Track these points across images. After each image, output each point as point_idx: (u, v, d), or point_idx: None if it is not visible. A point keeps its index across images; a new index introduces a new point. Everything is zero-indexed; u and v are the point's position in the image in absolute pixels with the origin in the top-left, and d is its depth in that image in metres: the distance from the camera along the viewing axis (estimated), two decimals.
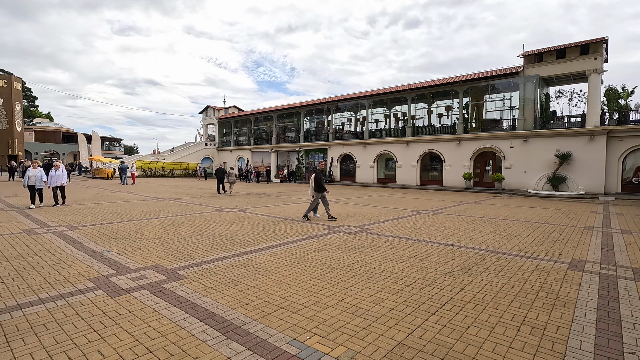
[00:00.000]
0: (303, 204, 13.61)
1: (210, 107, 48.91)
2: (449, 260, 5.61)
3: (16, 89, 45.06)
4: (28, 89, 75.72)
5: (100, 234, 7.31)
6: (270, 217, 9.99)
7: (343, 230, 8.20)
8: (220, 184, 18.92)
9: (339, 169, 33.19)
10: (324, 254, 5.91)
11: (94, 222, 8.76)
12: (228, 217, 9.99)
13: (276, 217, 10.14)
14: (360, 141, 31.04)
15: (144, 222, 8.94)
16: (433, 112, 29.32)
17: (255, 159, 41.93)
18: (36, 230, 7.61)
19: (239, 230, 7.94)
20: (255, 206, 12.79)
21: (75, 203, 12.73)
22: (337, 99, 33.38)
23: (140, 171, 37.61)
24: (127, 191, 18.58)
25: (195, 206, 12.41)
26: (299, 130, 37.49)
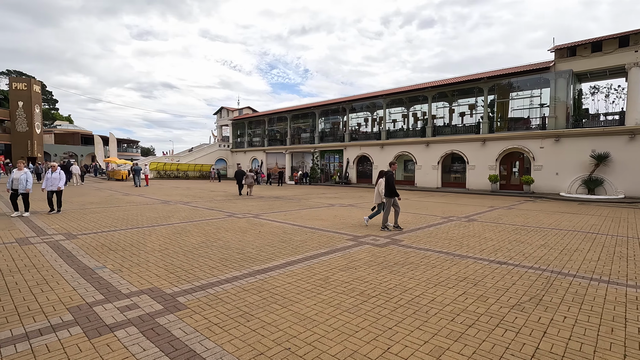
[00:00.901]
0: (320, 209, 12.65)
1: (224, 108, 48.59)
2: (509, 285, 4.56)
3: (36, 92, 45.72)
4: (49, 92, 77.41)
5: (99, 245, 6.53)
6: (287, 225, 9.07)
7: (370, 241, 7.20)
8: (240, 185, 19.24)
9: (355, 170, 32.13)
10: (352, 274, 4.93)
11: (95, 230, 8.02)
12: (240, 224, 9.12)
13: (293, 224, 9.21)
14: (377, 142, 29.93)
15: (150, 229, 8.15)
16: (455, 111, 27.96)
17: (269, 160, 41.26)
18: (30, 240, 6.89)
19: (253, 241, 7.04)
20: (270, 211, 11.91)
21: (82, 207, 12.12)
22: (353, 99, 32.37)
23: (155, 173, 37.45)
24: (139, 194, 18.03)
25: (206, 211, 11.61)
26: (313, 131, 36.61)
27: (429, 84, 27.61)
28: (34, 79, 46.29)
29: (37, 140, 45.23)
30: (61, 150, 56.61)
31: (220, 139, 49.01)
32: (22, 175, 9.81)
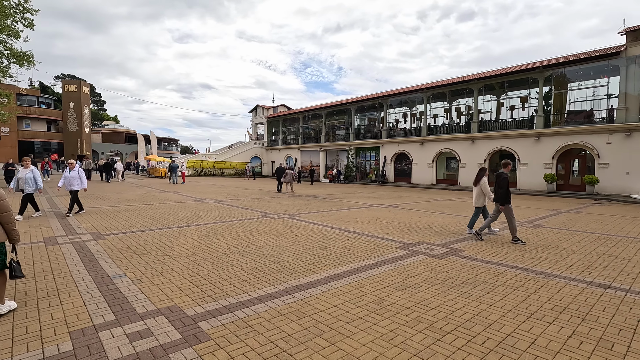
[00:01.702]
0: (360, 210, 11.68)
1: (259, 107, 48.75)
2: (633, 322, 3.38)
3: (85, 93, 48.31)
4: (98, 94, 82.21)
5: (124, 247, 6.01)
6: (326, 228, 8.21)
7: (424, 250, 6.16)
8: (280, 183, 19.59)
9: (393, 168, 30.73)
10: (413, 297, 3.96)
11: (125, 229, 7.60)
12: (275, 226, 8.38)
13: (333, 227, 8.33)
14: (417, 138, 28.35)
15: (179, 230, 7.61)
16: (504, 105, 25.77)
17: (303, 158, 40.76)
18: (58, 239, 6.54)
19: (289, 247, 6.23)
20: (306, 211, 11.12)
21: (117, 204, 11.99)
22: (390, 94, 30.93)
23: (192, 170, 38.16)
24: (175, 191, 17.99)
25: (240, 210, 11.03)
26: (349, 127, 35.57)
27: (476, 75, 25.64)
28: (84, 81, 48.93)
29: (85, 139, 47.80)
30: (108, 149, 59.65)
31: (255, 137, 49.27)
32: (28, 174, 8.63)
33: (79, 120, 46.61)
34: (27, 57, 19.07)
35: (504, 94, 25.91)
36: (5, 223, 3.36)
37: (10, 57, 18.75)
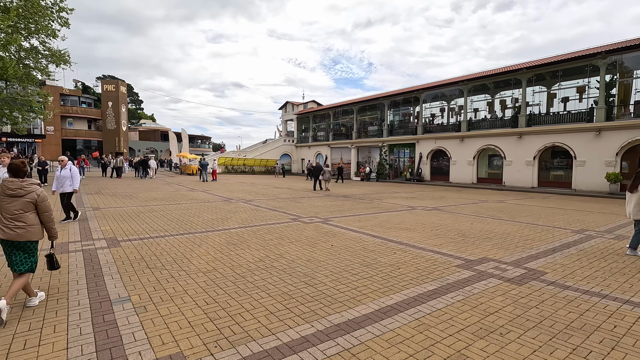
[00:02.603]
0: (401, 213, 10.48)
1: (289, 103, 48.18)
2: None
3: (122, 93, 49.90)
4: (136, 94, 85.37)
5: (138, 258, 5.26)
6: (365, 236, 7.13)
7: (493, 270, 4.94)
8: (316, 181, 19.17)
9: (429, 166, 28.99)
10: (504, 352, 2.81)
11: (144, 234, 6.92)
12: (308, 232, 7.40)
13: (373, 235, 7.24)
14: (456, 134, 26.48)
15: (202, 237, 6.82)
16: (556, 96, 23.36)
17: (334, 155, 39.72)
18: (70, 246, 5.92)
19: (325, 262, 5.23)
20: (341, 214, 10.08)
21: (143, 204, 11.52)
22: (427, 87, 29.13)
23: (222, 168, 38.21)
24: (203, 189, 17.55)
25: (269, 213, 10.17)
26: (381, 123, 34.08)
27: (524, 64, 23.42)
28: (121, 81, 50.54)
29: (123, 136, 49.42)
30: (144, 146, 61.52)
31: (285, 134, 48.79)
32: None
33: (116, 118, 48.21)
34: (64, 57, 19.32)
35: (557, 85, 23.47)
36: (46, 222, 3.55)
37: (48, 57, 19.08)
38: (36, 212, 3.46)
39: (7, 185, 3.36)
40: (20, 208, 3.35)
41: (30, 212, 3.42)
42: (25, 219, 3.37)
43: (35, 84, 19.50)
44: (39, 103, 19.60)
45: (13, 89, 19.08)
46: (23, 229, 3.36)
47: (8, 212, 3.33)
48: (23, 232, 3.36)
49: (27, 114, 19.14)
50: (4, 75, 15.85)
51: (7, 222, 3.32)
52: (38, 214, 3.47)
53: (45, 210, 3.49)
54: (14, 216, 3.32)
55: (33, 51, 18.45)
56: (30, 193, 3.41)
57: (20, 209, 3.35)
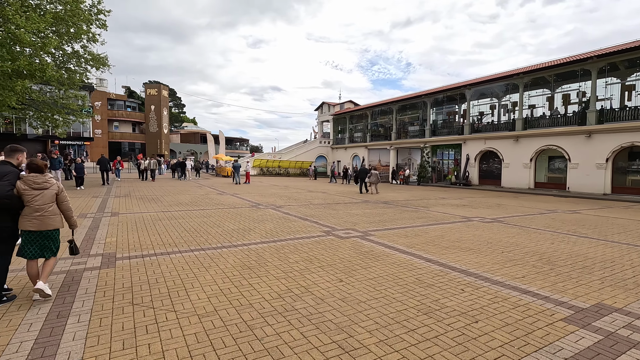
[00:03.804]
0: (456, 226, 8.72)
1: (325, 104, 47.02)
2: None
3: (164, 96, 51.45)
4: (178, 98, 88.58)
5: (126, 288, 4.12)
6: (418, 261, 5.56)
7: (626, 332, 3.22)
8: (362, 184, 18.85)
9: (477, 169, 26.42)
10: None
11: (149, 249, 5.85)
12: (343, 252, 5.97)
13: (428, 259, 5.65)
14: (510, 133, 23.78)
15: (214, 255, 5.62)
16: (635, 88, 20.08)
17: (371, 156, 37.92)
18: (58, 264, 4.93)
19: (367, 304, 3.77)
20: (382, 226, 8.54)
21: (164, 209, 10.69)
22: (475, 82, 26.59)
23: (257, 170, 37.77)
24: (233, 193, 16.67)
25: (299, 222, 8.86)
26: (423, 123, 31.83)
27: (595, 52, 20.40)
28: (164, 85, 52.11)
29: (164, 139, 50.88)
30: (185, 148, 63.25)
31: (321, 135, 47.66)
32: None
33: (158, 121, 49.70)
34: (103, 60, 19.41)
35: (634, 75, 20.19)
36: (66, 211, 3.87)
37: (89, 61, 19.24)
38: (56, 203, 3.80)
39: (32, 180, 3.64)
40: (48, 200, 3.69)
41: (54, 203, 3.77)
42: (52, 209, 3.73)
43: (76, 87, 19.75)
44: (79, 106, 19.82)
45: (55, 92, 19.43)
46: (50, 218, 3.71)
47: (36, 204, 3.62)
48: (50, 222, 3.72)
49: (67, 116, 19.41)
50: (43, 78, 15.94)
51: (35, 213, 3.61)
52: (58, 204, 3.80)
53: (64, 200, 3.86)
54: (42, 207, 3.64)
55: (74, 55, 18.67)
56: (53, 185, 3.78)
57: (49, 200, 3.70)
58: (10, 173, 3.58)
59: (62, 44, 17.80)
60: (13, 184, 3.54)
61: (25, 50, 14.75)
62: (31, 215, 3.60)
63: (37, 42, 14.50)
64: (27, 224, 3.60)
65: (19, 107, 17.56)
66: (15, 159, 3.78)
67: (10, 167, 3.66)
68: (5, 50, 14.23)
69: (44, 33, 15.10)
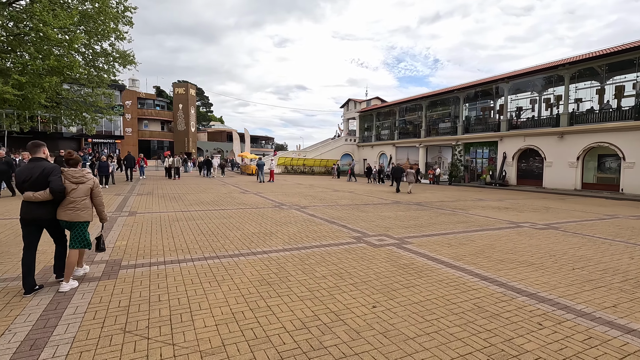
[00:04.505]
0: (505, 233, 7.61)
1: (351, 100, 45.95)
2: None
3: (191, 95, 52.13)
4: (206, 97, 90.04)
5: (121, 309, 3.46)
6: (471, 277, 4.60)
7: None
8: (398, 183, 18.57)
9: (515, 168, 24.62)
10: None
11: (159, 256, 5.23)
12: (378, 264, 5.10)
13: (482, 275, 4.68)
14: (553, 129, 21.91)
15: (230, 264, 4.91)
16: None
17: (399, 155, 36.57)
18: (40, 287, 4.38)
19: (416, 339, 2.89)
20: (419, 231, 7.58)
21: (184, 209, 10.19)
22: (514, 75, 24.75)
23: (282, 168, 37.35)
24: (257, 191, 16.11)
25: (325, 226, 8.04)
26: (455, 119, 30.17)
27: None
28: (191, 84, 52.81)
29: (192, 137, 51.56)
30: (211, 147, 64.05)
31: (347, 133, 46.65)
32: None
33: (186, 120, 50.40)
34: (129, 57, 19.41)
35: None
36: (98, 205, 4.09)
37: (117, 59, 19.30)
38: (90, 197, 3.97)
39: (71, 174, 3.85)
40: (83, 193, 3.87)
41: (87, 197, 3.93)
42: (85, 202, 3.89)
43: (105, 85, 19.88)
44: (106, 104, 19.95)
45: (83, 90, 19.63)
46: (82, 210, 3.87)
47: (72, 197, 3.81)
48: (82, 214, 3.87)
49: (95, 114, 19.57)
50: (71, 75, 16.00)
51: (70, 205, 3.80)
52: (92, 198, 3.98)
53: (98, 195, 4.04)
54: (76, 200, 3.82)
55: (103, 53, 18.75)
56: (89, 180, 3.96)
57: (83, 194, 3.87)
58: (55, 169, 3.78)
59: (91, 43, 17.90)
60: (61, 177, 3.79)
61: (53, 48, 14.79)
62: (66, 206, 3.83)
63: (64, 39, 14.48)
64: (62, 214, 3.83)
65: (49, 104, 17.80)
66: (42, 153, 3.90)
67: (47, 162, 3.84)
68: (34, 48, 14.32)
69: (71, 30, 15.09)
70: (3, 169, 10.51)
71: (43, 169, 3.69)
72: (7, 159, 10.83)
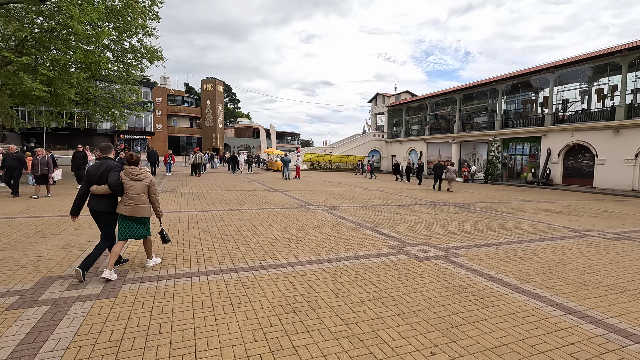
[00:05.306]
0: (572, 243, 6.44)
1: (380, 95, 44.52)
2: None
3: (219, 91, 52.45)
4: (234, 93, 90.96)
5: (114, 341, 2.78)
6: (553, 310, 3.60)
7: None
8: (438, 180, 17.89)
9: (561, 166, 22.61)
10: None
11: (172, 267, 4.58)
12: (428, 286, 4.18)
13: (565, 307, 3.67)
14: (607, 123, 19.81)
15: (251, 280, 4.17)
16: None
17: (430, 151, 34.94)
18: (52, 287, 3.80)
19: None
20: (466, 240, 6.56)
21: (206, 208, 9.64)
22: (563, 63, 22.60)
23: (308, 164, 36.70)
24: (282, 189, 15.45)
25: (358, 232, 7.18)
26: (492, 114, 28.26)
27: None
28: (219, 80, 53.13)
29: (219, 133, 51.97)
30: (238, 143, 64.52)
31: (375, 128, 45.30)
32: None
33: (214, 116, 50.82)
34: (157, 53, 19.26)
35: None
36: (154, 202, 4.35)
37: (145, 55, 19.21)
38: (147, 194, 4.27)
39: (130, 171, 4.18)
40: (140, 190, 4.19)
41: (145, 193, 4.24)
42: (143, 199, 4.21)
43: (132, 81, 19.86)
44: (134, 100, 19.95)
45: (112, 86, 19.71)
46: (140, 206, 4.18)
47: (131, 193, 4.13)
48: (140, 210, 4.18)
49: (123, 110, 19.61)
50: (99, 71, 15.94)
51: (129, 201, 4.13)
52: (149, 194, 4.29)
53: (155, 192, 4.34)
54: (135, 196, 4.15)
55: (131, 49, 18.69)
56: (146, 178, 4.27)
57: (141, 191, 4.19)
58: (117, 166, 4.19)
59: (119, 40, 17.85)
60: (120, 174, 4.15)
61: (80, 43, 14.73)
62: (126, 202, 4.13)
63: (91, 33, 14.35)
64: (122, 209, 4.13)
65: (79, 100, 17.93)
66: (111, 154, 4.41)
67: (111, 161, 4.28)
68: (61, 42, 14.29)
69: (98, 24, 14.97)
70: (13, 164, 10.24)
71: (107, 166, 4.15)
72: (19, 154, 10.58)
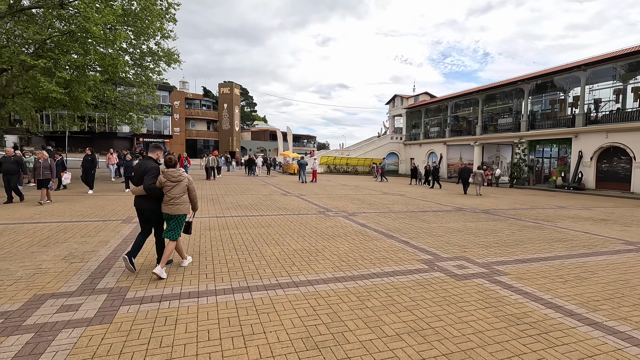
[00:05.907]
0: (630, 260, 5.62)
1: (397, 96, 43.61)
2: None
3: (236, 95, 52.64)
4: (250, 97, 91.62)
5: None
6: (637, 351, 2.89)
7: None
8: (466, 185, 17.77)
9: (594, 169, 21.27)
10: None
11: (178, 283, 4.08)
12: (474, 312, 3.53)
13: None
14: None
15: (265, 303, 3.61)
16: None
17: (451, 154, 33.80)
18: (45, 306, 3.34)
19: None
20: (506, 254, 5.82)
21: (219, 213, 9.19)
22: (596, 60, 21.31)
23: (324, 167, 36.16)
24: (299, 193, 14.92)
25: (382, 242, 6.54)
26: (517, 115, 27.03)
27: None
28: (235, 84, 53.33)
29: (236, 136, 52.10)
30: (255, 145, 64.59)
31: (392, 130, 44.38)
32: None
33: (230, 119, 50.99)
34: (174, 56, 19.16)
35: None
36: (193, 199, 4.61)
37: (163, 58, 19.15)
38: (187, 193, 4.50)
39: (170, 174, 4.38)
40: (180, 191, 4.40)
41: (185, 193, 4.46)
42: (183, 198, 4.43)
43: (151, 84, 19.84)
44: (150, 103, 19.91)
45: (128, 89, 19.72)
46: (181, 205, 4.41)
47: (172, 194, 4.35)
48: (181, 208, 4.41)
49: (140, 113, 19.59)
50: (116, 74, 15.87)
51: (170, 200, 4.35)
52: (188, 193, 4.51)
53: (193, 191, 4.59)
54: (175, 196, 4.36)
55: (149, 52, 18.66)
56: (185, 179, 4.46)
57: (181, 191, 4.40)
58: (154, 169, 4.31)
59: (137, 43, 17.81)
60: (156, 177, 4.29)
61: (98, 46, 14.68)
62: (168, 202, 4.35)
63: (108, 35, 14.26)
64: (165, 208, 4.37)
65: (97, 103, 17.98)
66: (155, 155, 4.53)
67: (152, 162, 4.41)
68: (78, 44, 14.25)
69: (114, 27, 14.89)
70: (11, 168, 9.87)
71: (145, 168, 4.30)
72: (17, 158, 10.16)
